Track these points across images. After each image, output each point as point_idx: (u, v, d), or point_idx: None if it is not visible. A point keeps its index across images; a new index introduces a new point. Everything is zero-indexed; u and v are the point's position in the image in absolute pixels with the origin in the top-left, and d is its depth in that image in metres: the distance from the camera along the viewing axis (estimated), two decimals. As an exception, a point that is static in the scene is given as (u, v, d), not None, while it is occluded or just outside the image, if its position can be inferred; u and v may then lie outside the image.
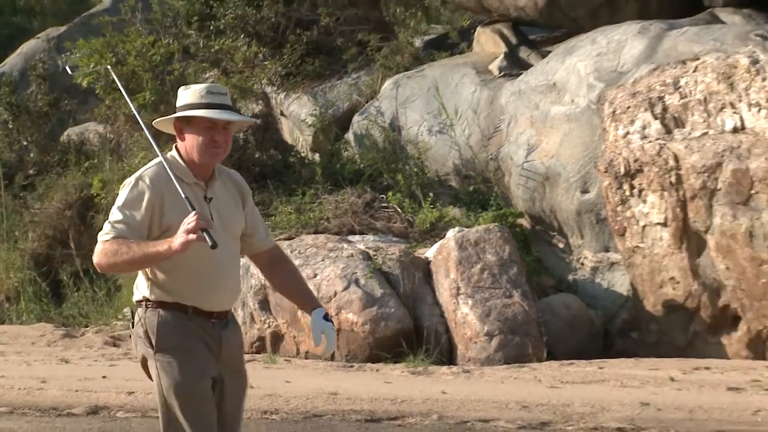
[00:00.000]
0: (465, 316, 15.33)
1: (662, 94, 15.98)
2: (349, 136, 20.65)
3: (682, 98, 15.84)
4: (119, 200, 5.63)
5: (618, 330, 16.30)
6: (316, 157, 20.63)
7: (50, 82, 25.61)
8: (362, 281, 15.73)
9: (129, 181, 5.69)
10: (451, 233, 16.15)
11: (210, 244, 5.30)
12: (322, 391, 12.91)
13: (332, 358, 15.42)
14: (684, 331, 15.57)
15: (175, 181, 5.51)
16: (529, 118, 18.03)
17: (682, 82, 15.92)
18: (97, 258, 5.60)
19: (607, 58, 17.33)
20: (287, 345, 16.15)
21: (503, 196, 18.23)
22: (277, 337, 16.22)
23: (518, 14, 20.77)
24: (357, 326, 15.44)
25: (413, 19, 23.37)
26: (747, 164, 15.11)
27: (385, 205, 18.06)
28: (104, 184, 21.03)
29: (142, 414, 12.10)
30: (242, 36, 22.43)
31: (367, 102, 20.92)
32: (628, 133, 16.08)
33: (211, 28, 22.78)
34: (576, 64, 17.59)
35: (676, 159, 15.59)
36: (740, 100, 15.42)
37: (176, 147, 5.78)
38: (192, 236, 5.27)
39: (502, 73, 19.64)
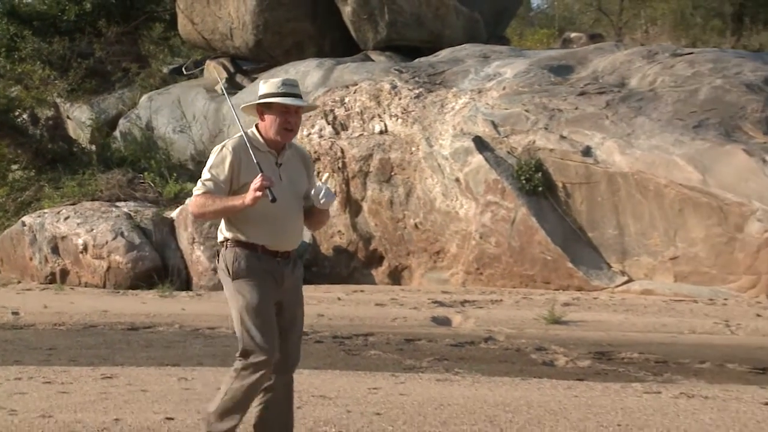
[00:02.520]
0: (198, 257, 15.15)
1: (333, 108, 16.08)
2: (117, 133, 20.20)
3: (346, 111, 15.98)
4: (209, 163, 5.18)
5: (303, 266, 16.34)
6: (93, 147, 20.08)
7: None
8: (126, 233, 15.42)
9: (216, 148, 5.25)
10: (188, 200, 15.90)
11: (270, 198, 4.93)
12: (96, 309, 12.51)
13: (104, 286, 15.11)
14: (347, 266, 15.75)
15: (250, 149, 5.08)
16: (243, 122, 17.89)
17: (347, 99, 16.05)
18: (190, 207, 5.25)
19: (296, 83, 17.34)
20: (72, 278, 15.63)
21: (225, 175, 18.08)
22: (65, 273, 15.71)
23: (235, 52, 20.65)
24: (122, 264, 15.13)
25: (162, 53, 23.14)
26: (389, 155, 15.36)
27: (142, 181, 17.75)
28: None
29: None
30: (38, 62, 21.88)
31: (129, 110, 20.56)
32: (310, 133, 16.12)
33: (16, 56, 22.12)
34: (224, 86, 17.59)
35: (342, 151, 15.72)
36: (384, 113, 15.65)
37: (257, 125, 5.28)
38: (258, 193, 4.90)
39: (224, 92, 19.45)
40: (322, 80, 17.06)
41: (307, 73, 17.44)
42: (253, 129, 5.29)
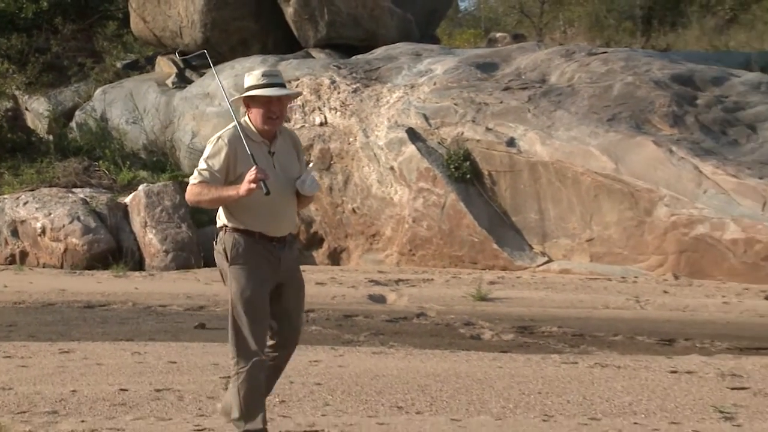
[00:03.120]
0: (150, 240, 14.98)
1: (276, 101, 15.97)
2: (73, 124, 19.84)
3: (289, 104, 15.87)
4: (205, 153, 5.03)
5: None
6: (51, 137, 19.74)
7: None
8: (82, 217, 15.20)
9: (212, 140, 5.07)
10: (141, 187, 15.72)
11: (264, 192, 4.79)
12: (54, 289, 12.33)
13: (61, 267, 14.88)
14: (289, 248, 15.67)
15: (244, 141, 4.94)
16: (192, 115, 17.71)
17: (289, 93, 15.95)
18: (187, 195, 5.04)
19: (241, 77, 17.08)
20: (31, 259, 15.37)
21: (176, 163, 17.84)
22: (24, 254, 15.43)
23: (184, 48, 20.39)
24: (78, 246, 14.91)
25: (115, 49, 22.79)
26: (329, 145, 15.32)
27: (98, 169, 17.51)
28: None
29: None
30: (-3, 57, 21.41)
31: (84, 103, 20.21)
32: (255, 124, 16.00)
33: (-26, 51, 21.73)
34: (222, 81, 17.36)
35: (285, 141, 15.63)
36: (324, 106, 15.60)
37: (248, 115, 5.13)
38: (253, 185, 4.77)
39: (174, 86, 19.25)
40: (267, 75, 16.94)
41: (251, 68, 17.14)
42: (246, 119, 5.17)
